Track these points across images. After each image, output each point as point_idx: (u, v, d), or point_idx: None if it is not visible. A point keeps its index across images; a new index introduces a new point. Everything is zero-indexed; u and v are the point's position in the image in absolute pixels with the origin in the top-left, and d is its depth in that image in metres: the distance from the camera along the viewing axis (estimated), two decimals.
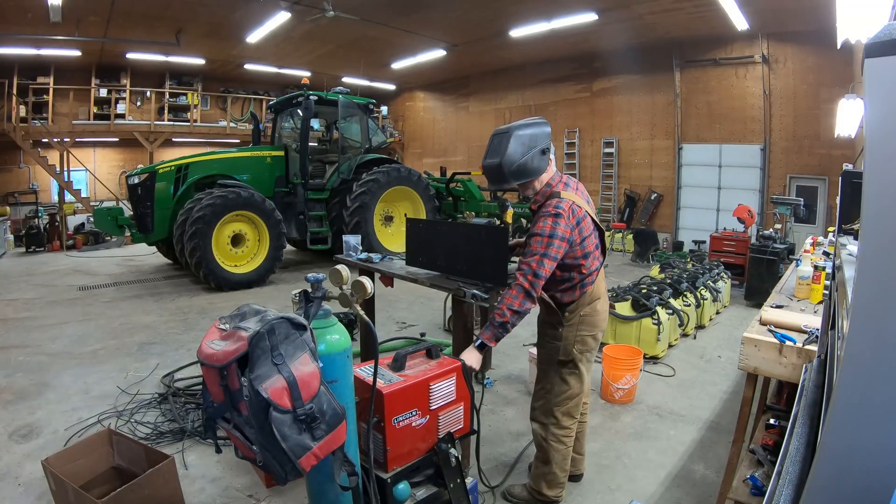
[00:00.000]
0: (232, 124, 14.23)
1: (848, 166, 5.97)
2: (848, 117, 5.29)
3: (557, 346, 2.24)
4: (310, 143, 7.93)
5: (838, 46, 5.13)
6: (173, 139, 13.52)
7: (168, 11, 9.02)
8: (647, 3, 8.10)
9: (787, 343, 2.00)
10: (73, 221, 11.12)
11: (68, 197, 11.38)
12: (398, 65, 12.91)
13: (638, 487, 2.62)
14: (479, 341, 2.07)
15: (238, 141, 13.85)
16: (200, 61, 12.60)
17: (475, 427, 2.13)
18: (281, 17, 9.00)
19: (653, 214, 10.93)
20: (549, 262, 2.02)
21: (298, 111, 7.81)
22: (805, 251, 3.65)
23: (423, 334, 4.60)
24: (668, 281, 5.12)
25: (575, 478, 2.63)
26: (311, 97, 7.63)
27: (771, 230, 6.79)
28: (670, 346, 4.64)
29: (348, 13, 8.50)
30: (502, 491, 2.52)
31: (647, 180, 11.09)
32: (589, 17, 8.63)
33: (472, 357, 2.06)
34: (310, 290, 1.68)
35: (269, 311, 1.53)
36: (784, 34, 8.73)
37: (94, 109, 12.54)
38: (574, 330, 2.22)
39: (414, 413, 1.88)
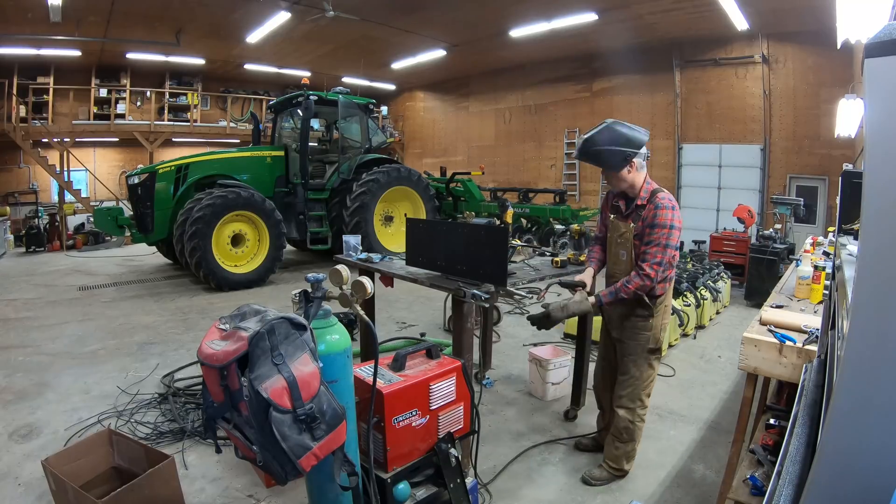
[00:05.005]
0: (232, 124, 14.23)
1: (848, 166, 5.96)
2: (848, 117, 5.29)
3: (647, 336, 2.47)
4: (310, 143, 7.92)
5: (838, 46, 5.12)
6: (173, 139, 13.51)
7: (168, 11, 9.01)
8: (647, 3, 8.09)
9: (787, 343, 2.00)
10: (73, 221, 11.11)
11: (68, 197, 11.37)
12: (398, 65, 12.91)
13: (638, 487, 2.62)
14: (598, 299, 2.40)
15: (238, 141, 13.84)
16: (200, 61, 12.59)
17: (475, 427, 2.13)
18: (281, 17, 9.00)
19: None
20: (670, 252, 2.31)
21: (298, 111, 7.81)
22: (805, 251, 3.65)
23: (423, 334, 4.59)
24: None
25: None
26: (311, 97, 7.63)
27: (771, 230, 6.79)
28: (670, 346, 4.64)
29: (348, 13, 8.50)
30: (582, 477, 2.65)
31: None
32: (589, 17, 8.63)
33: (584, 304, 2.42)
34: (310, 290, 1.68)
35: (269, 311, 1.53)
36: (784, 34, 8.72)
37: (94, 109, 12.53)
38: (660, 319, 2.48)
39: (414, 413, 1.88)
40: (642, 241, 2.34)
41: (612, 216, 2.55)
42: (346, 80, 13.35)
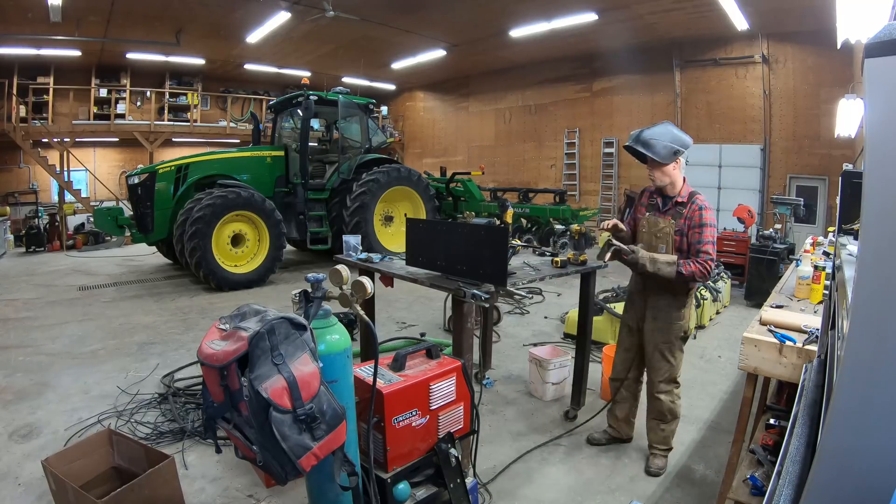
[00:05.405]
0: (232, 124, 14.23)
1: (848, 166, 5.96)
2: (848, 117, 5.30)
3: (681, 325, 2.70)
4: (310, 143, 7.92)
5: (838, 46, 5.13)
6: (173, 139, 13.51)
7: (168, 11, 9.02)
8: (647, 3, 8.10)
9: (787, 343, 2.00)
10: (73, 221, 11.11)
11: (68, 197, 11.37)
12: (398, 65, 12.91)
13: (638, 487, 2.62)
14: (678, 268, 2.51)
15: (238, 141, 13.84)
16: (200, 61, 12.60)
17: (475, 427, 2.13)
18: (281, 17, 9.00)
19: None
20: (715, 247, 2.55)
21: (298, 111, 7.81)
22: (805, 251, 3.65)
23: (423, 334, 4.59)
24: None
25: (625, 441, 3.02)
26: (311, 97, 7.63)
27: (771, 230, 6.78)
28: None
29: (348, 13, 8.50)
30: (646, 471, 2.75)
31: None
32: (589, 17, 8.63)
33: (662, 259, 2.54)
34: (310, 290, 1.68)
35: (269, 311, 1.53)
36: (784, 34, 8.73)
37: (94, 109, 12.53)
38: (689, 309, 2.74)
39: (414, 413, 1.88)
40: (687, 237, 2.57)
41: (647, 213, 2.76)
42: (346, 80, 13.36)
